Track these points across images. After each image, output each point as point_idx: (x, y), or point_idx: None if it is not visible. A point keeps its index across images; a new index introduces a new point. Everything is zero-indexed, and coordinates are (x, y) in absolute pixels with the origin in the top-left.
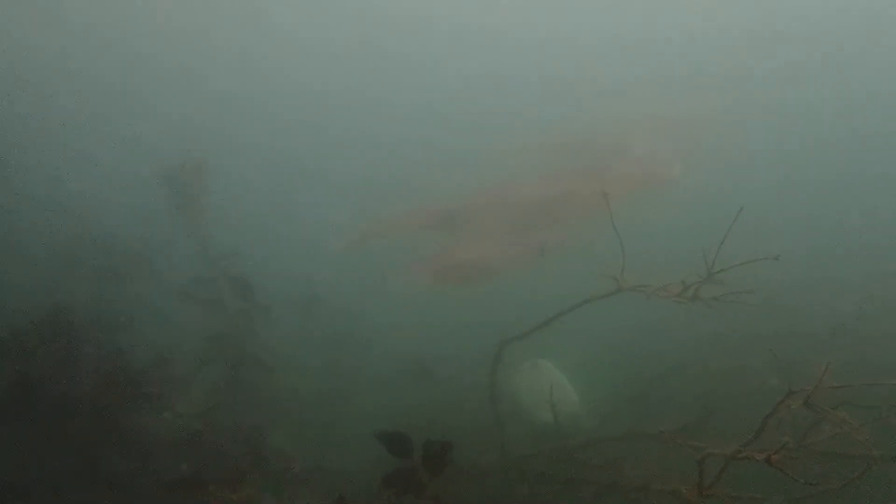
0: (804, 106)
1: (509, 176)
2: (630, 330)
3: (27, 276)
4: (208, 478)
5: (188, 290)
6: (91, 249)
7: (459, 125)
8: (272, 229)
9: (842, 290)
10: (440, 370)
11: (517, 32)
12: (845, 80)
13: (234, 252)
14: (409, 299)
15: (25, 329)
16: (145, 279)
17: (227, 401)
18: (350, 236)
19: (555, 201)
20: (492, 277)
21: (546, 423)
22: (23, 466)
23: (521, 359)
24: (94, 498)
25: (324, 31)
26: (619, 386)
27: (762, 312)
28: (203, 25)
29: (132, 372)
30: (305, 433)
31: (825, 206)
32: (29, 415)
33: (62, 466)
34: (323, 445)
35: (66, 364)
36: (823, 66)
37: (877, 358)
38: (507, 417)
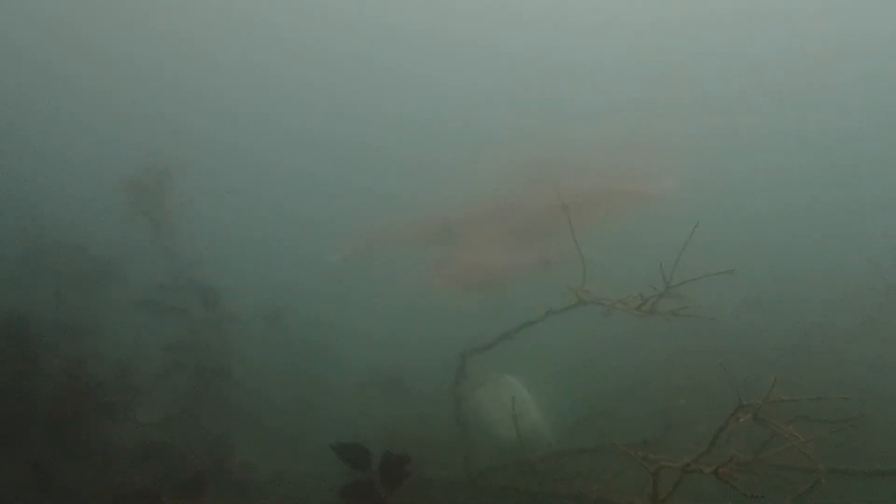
0: (798, 133)
1: (503, 189)
2: (597, 344)
3: None
4: (164, 488)
5: (153, 298)
6: (54, 254)
7: (450, 138)
8: (249, 237)
9: (806, 306)
10: (412, 381)
11: (512, 47)
12: (835, 106)
13: (199, 259)
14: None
15: None
16: (110, 286)
17: (191, 410)
18: (348, 247)
19: (551, 213)
20: (499, 286)
21: (507, 439)
22: None
23: (486, 374)
24: None
25: (314, 35)
26: (585, 400)
27: (726, 328)
28: (188, 27)
29: (91, 380)
30: (272, 443)
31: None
32: None
33: (13, 479)
34: (290, 455)
35: (22, 372)
36: (813, 92)
37: (835, 373)
38: (472, 430)
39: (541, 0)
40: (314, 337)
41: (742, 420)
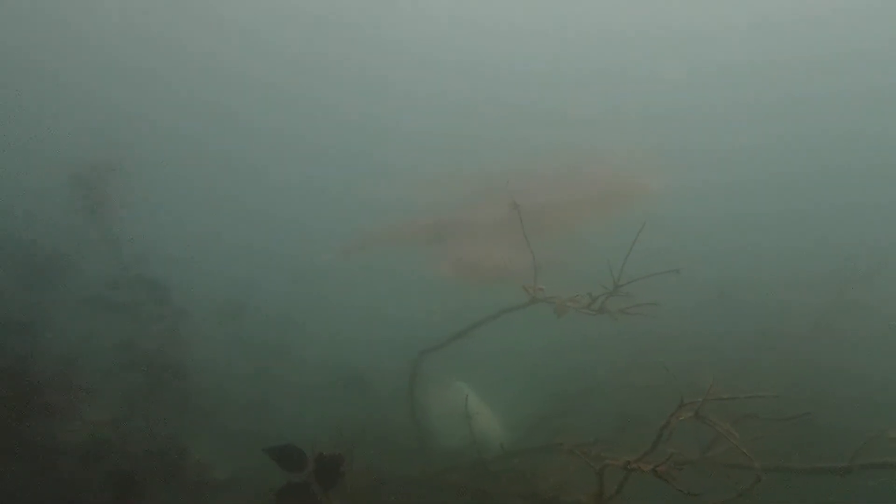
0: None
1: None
2: (557, 347)
3: None
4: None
5: (103, 294)
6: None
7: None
8: (211, 234)
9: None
10: (373, 381)
11: (498, 59)
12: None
13: (149, 255)
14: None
15: None
16: (59, 281)
17: (143, 409)
18: (342, 247)
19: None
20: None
21: (456, 444)
22: None
23: (438, 380)
24: None
25: (280, 33)
26: (543, 402)
27: (685, 329)
28: (145, 16)
29: (36, 379)
30: (229, 442)
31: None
32: None
33: None
34: (247, 455)
35: None
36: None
37: (787, 375)
38: (427, 431)
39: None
40: (275, 336)
41: (682, 418)
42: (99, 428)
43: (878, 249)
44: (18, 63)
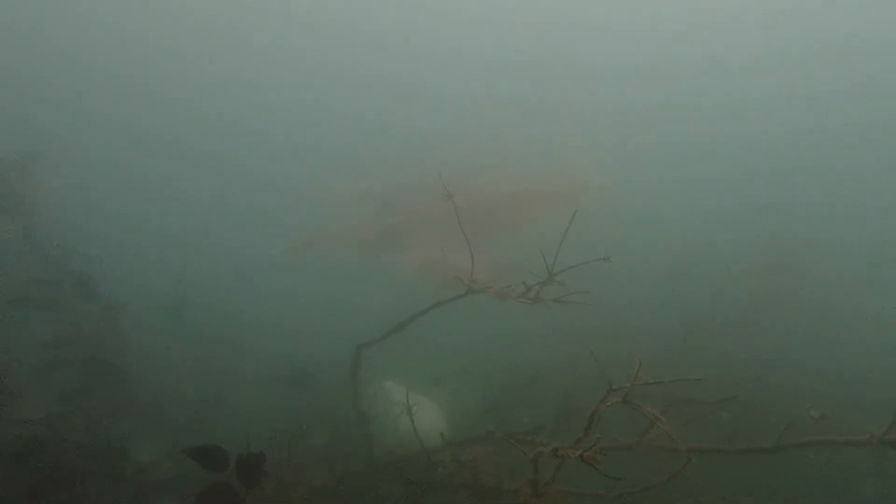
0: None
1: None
2: (499, 338)
3: None
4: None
5: (29, 293)
6: None
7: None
8: (149, 225)
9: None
10: (319, 375)
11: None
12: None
13: (71, 251)
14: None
15: None
16: None
17: (80, 406)
18: (290, 242)
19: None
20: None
21: (397, 440)
22: None
23: (370, 382)
24: None
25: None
26: (487, 393)
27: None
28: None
29: None
30: (171, 439)
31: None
32: None
33: None
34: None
35: None
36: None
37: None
38: (369, 423)
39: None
40: (219, 329)
41: (609, 404)
42: (32, 427)
43: (812, 242)
44: None
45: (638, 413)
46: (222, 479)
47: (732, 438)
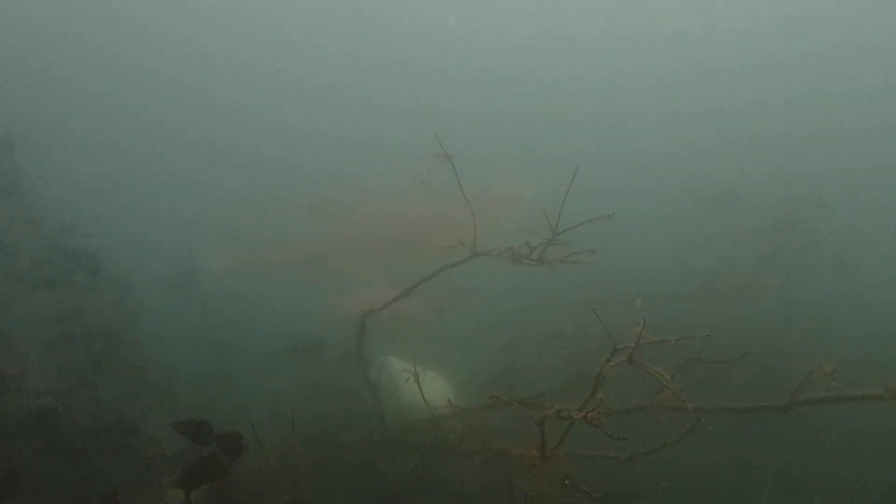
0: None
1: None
2: (509, 301)
3: None
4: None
5: (30, 272)
6: None
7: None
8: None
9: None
10: (325, 347)
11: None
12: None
13: (71, 227)
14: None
15: None
16: None
17: (88, 380)
18: (226, 258)
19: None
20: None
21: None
22: None
23: (372, 359)
24: None
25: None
26: (497, 357)
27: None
28: None
29: None
30: (181, 413)
31: None
32: None
33: None
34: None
35: None
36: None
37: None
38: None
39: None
40: (223, 306)
41: (614, 364)
42: (45, 400)
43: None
44: None
45: (651, 376)
46: (209, 452)
47: (745, 399)
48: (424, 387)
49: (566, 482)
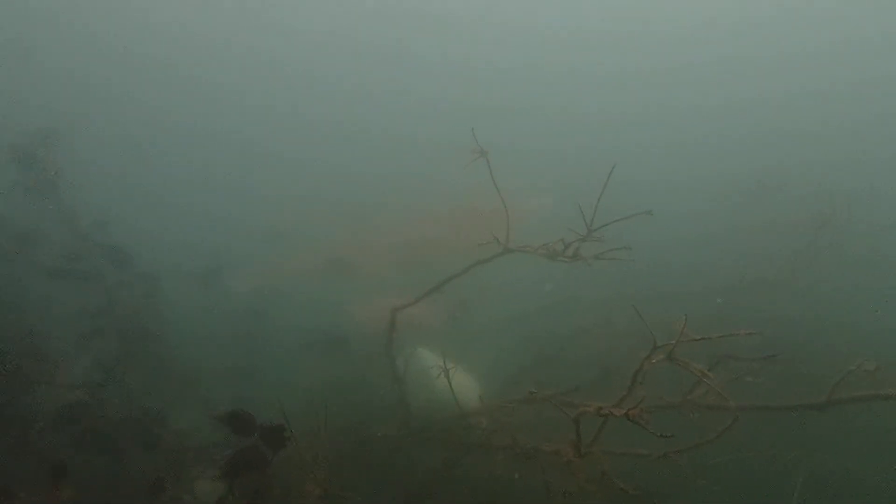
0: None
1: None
2: (539, 297)
3: None
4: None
5: (61, 266)
6: None
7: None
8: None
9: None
10: (352, 343)
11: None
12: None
13: (105, 223)
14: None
15: None
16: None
17: (118, 375)
18: (254, 279)
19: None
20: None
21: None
22: None
23: (401, 349)
24: None
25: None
26: (526, 352)
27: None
28: None
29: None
30: (209, 406)
31: None
32: None
33: None
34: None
35: None
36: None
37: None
38: (410, 386)
39: None
40: (250, 301)
41: (654, 362)
42: (74, 394)
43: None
44: None
45: (681, 373)
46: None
47: (779, 397)
48: (454, 382)
49: (602, 479)
